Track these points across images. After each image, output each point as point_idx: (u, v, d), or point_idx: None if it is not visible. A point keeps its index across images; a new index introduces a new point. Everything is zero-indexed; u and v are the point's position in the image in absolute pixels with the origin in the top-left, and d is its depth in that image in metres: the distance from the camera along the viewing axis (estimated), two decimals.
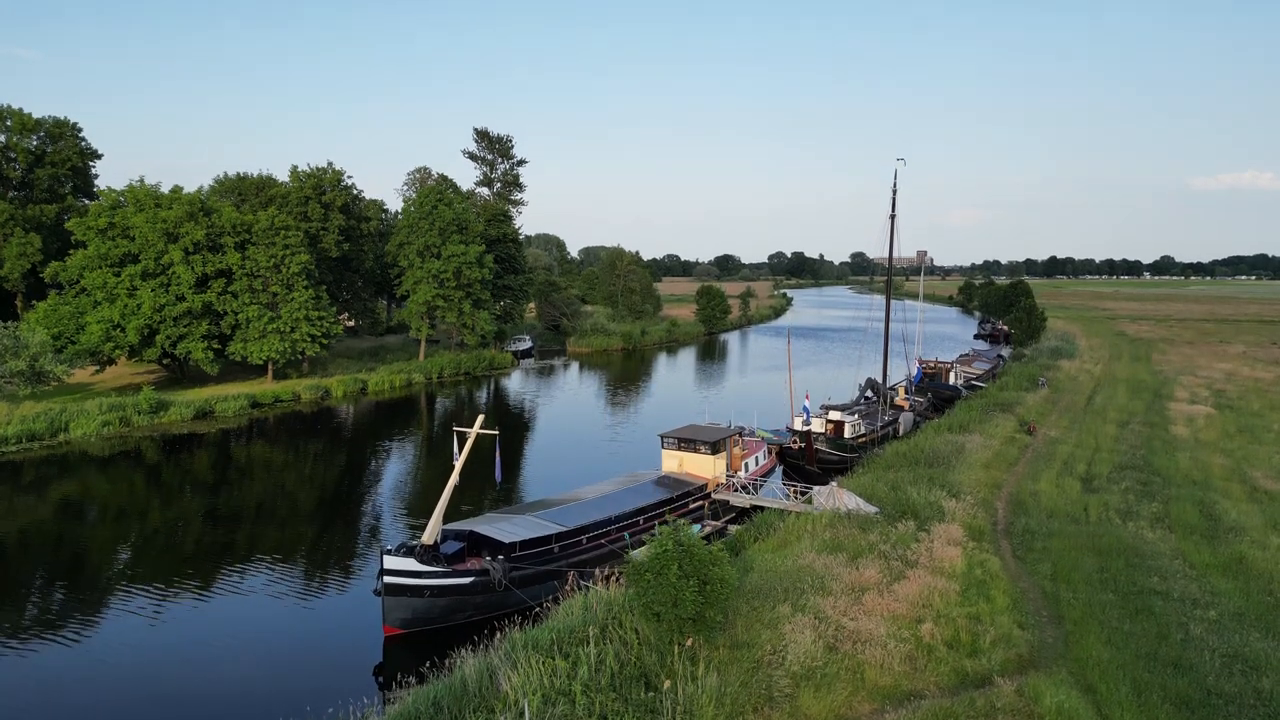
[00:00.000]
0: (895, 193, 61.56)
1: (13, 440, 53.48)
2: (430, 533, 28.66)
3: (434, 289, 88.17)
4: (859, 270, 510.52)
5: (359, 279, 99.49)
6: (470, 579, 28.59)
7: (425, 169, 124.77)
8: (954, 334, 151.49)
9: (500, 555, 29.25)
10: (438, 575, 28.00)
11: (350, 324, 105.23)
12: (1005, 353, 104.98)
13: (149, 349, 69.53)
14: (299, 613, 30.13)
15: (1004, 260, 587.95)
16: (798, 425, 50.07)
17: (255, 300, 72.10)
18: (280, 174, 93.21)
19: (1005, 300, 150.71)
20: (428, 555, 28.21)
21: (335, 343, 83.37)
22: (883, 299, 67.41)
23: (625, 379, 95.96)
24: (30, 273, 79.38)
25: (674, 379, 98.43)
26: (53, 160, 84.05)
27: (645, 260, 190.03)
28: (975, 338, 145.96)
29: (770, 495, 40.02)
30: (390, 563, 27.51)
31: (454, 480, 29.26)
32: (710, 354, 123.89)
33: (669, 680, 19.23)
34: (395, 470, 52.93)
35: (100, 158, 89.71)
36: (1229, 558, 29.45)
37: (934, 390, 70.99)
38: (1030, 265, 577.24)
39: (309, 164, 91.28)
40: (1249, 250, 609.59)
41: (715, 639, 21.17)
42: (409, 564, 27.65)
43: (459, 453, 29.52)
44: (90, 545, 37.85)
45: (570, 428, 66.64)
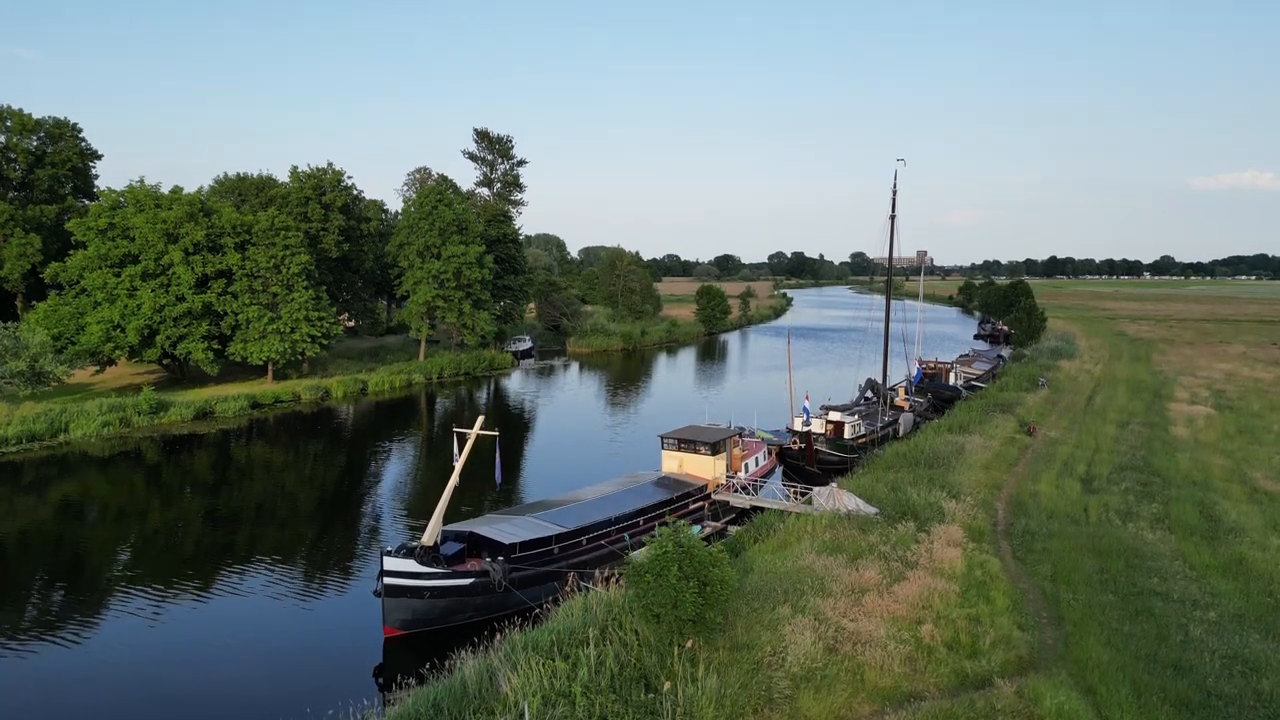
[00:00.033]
0: (895, 193, 61.66)
1: (13, 441, 53.53)
2: (430, 534, 28.66)
3: (434, 289, 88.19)
4: (859, 270, 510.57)
5: (359, 279, 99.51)
6: (470, 580, 28.58)
7: (425, 169, 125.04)
8: (954, 334, 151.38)
9: (500, 556, 29.22)
10: (438, 576, 27.99)
11: (350, 324, 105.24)
12: (1005, 353, 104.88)
13: (149, 349, 69.58)
14: (299, 613, 30.12)
15: (1004, 260, 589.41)
16: (798, 426, 50.11)
17: (255, 301, 72.13)
18: (280, 174, 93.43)
19: (1005, 300, 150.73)
20: (428, 556, 28.20)
21: (335, 343, 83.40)
22: (883, 299, 67.41)
23: (625, 379, 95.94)
24: (30, 273, 79.48)
25: (674, 379, 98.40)
26: (53, 161, 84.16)
27: (645, 260, 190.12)
28: (975, 338, 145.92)
29: (770, 496, 39.94)
30: (390, 564, 27.50)
31: (454, 481, 29.26)
32: (710, 354, 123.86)
33: (669, 682, 19.24)
34: (395, 471, 52.92)
35: (100, 158, 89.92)
36: (1229, 559, 29.45)
37: (934, 391, 70.96)
38: (1030, 265, 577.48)
39: (309, 164, 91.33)
40: (1249, 250, 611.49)
41: (715, 640, 21.17)
42: (409, 565, 27.63)
43: (459, 453, 29.52)
44: (90, 546, 37.87)
45: (570, 428, 66.66)
